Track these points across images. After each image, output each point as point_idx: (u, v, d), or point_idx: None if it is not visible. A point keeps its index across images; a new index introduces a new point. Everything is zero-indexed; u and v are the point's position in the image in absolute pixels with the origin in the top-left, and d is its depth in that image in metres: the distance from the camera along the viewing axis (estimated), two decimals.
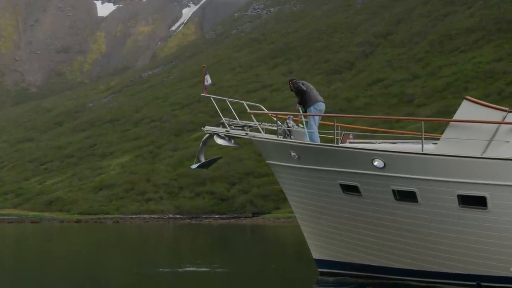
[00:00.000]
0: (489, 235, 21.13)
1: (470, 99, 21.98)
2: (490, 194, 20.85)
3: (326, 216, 24.32)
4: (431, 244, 22.14)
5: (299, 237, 58.75)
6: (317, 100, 24.89)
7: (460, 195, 21.14)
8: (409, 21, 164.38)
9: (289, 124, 24.63)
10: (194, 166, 26.58)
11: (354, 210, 23.32)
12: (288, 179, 25.19)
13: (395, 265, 23.23)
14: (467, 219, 21.28)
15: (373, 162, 22.12)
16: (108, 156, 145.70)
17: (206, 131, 25.90)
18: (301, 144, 23.83)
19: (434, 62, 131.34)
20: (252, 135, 25.11)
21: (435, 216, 21.70)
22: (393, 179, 21.98)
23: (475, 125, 21.29)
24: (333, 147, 23.33)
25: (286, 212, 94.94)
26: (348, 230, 23.91)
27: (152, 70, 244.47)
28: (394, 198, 22.21)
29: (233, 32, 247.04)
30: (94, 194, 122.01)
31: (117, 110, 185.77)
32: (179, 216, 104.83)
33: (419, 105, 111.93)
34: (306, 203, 24.88)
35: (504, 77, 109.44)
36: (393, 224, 22.60)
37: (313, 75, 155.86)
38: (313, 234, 25.29)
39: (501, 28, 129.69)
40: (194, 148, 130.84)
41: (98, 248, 45.84)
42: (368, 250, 23.68)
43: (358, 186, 22.79)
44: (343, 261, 24.55)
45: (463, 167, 21.03)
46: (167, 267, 28.61)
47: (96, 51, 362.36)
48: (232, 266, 28.88)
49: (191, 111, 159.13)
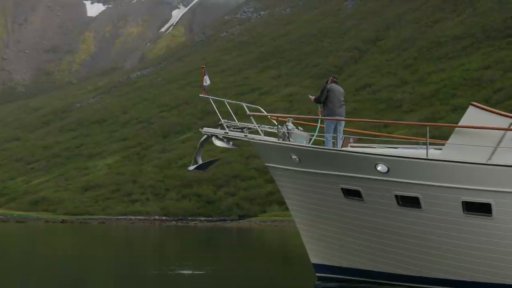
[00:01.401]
0: (494, 243, 20.93)
1: (476, 105, 21.87)
2: (495, 201, 20.64)
3: (326, 220, 24.08)
4: (433, 250, 21.94)
5: (287, 241, 58.83)
6: (334, 113, 24.57)
7: (465, 201, 20.94)
8: (398, 27, 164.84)
9: (289, 127, 24.33)
10: (191, 168, 25.98)
11: (355, 215, 23.10)
12: (287, 183, 24.85)
13: (396, 271, 23.06)
14: (471, 226, 21.07)
15: (376, 167, 21.92)
16: (95, 157, 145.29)
17: (204, 132, 25.48)
18: (302, 147, 23.58)
19: (422, 69, 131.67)
20: (251, 137, 24.78)
21: (439, 222, 21.49)
22: (397, 184, 21.78)
23: (481, 131, 21.13)
24: (335, 151, 23.11)
25: (272, 215, 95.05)
26: (349, 235, 23.71)
27: (140, 71, 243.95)
28: (397, 204, 21.98)
29: (222, 34, 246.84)
30: (80, 194, 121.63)
31: (104, 111, 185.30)
32: (165, 218, 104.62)
33: (407, 111, 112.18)
34: (305, 207, 24.58)
35: (491, 85, 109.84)
36: (395, 229, 22.41)
37: (302, 79, 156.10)
38: (312, 239, 25.01)
39: (490, 36, 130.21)
40: (182, 150, 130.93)
41: (83, 249, 45.69)
42: (368, 255, 23.49)
43: (360, 190, 22.57)
44: (342, 266, 24.36)
45: (468, 173, 20.83)
46: (154, 269, 28.47)
47: (84, 51, 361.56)
48: (225, 270, 28.68)
49: (179, 113, 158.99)
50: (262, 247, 49.88)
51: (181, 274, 26.60)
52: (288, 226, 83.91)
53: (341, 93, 25.08)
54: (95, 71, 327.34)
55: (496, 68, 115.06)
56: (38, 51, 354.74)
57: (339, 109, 24.73)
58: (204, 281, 25.15)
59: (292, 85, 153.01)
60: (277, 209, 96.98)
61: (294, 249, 46.10)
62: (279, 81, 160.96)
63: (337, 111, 24.64)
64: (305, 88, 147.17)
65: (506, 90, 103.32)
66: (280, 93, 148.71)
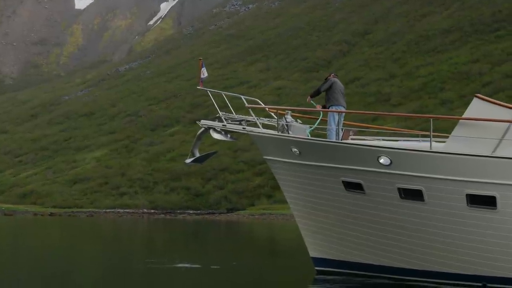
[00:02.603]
0: (498, 236, 20.76)
1: (481, 97, 21.69)
2: (500, 194, 20.49)
3: (327, 213, 23.86)
4: (436, 243, 21.75)
5: (278, 234, 58.88)
6: (339, 102, 24.45)
7: (469, 194, 20.77)
8: (387, 21, 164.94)
9: (288, 120, 24.13)
10: (188, 161, 25.74)
11: (357, 208, 22.89)
12: (286, 175, 24.60)
13: (397, 265, 22.87)
14: (475, 219, 20.90)
15: (379, 159, 21.72)
16: (83, 150, 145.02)
17: (202, 125, 25.28)
18: (303, 140, 23.33)
19: (411, 62, 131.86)
20: (250, 130, 24.56)
21: (442, 215, 21.32)
22: (399, 177, 21.59)
23: (485, 124, 20.92)
24: (337, 143, 22.90)
25: (261, 208, 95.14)
26: (350, 228, 23.48)
27: (129, 64, 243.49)
28: (399, 197, 21.81)
29: (211, 27, 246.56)
30: (68, 187, 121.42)
31: (93, 104, 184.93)
32: (154, 211, 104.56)
33: (395, 105, 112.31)
34: (305, 200, 24.34)
35: (480, 78, 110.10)
36: (397, 223, 22.22)
37: (291, 72, 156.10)
38: (311, 232, 24.79)
39: (478, 29, 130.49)
40: (170, 143, 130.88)
41: (72, 242, 45.61)
42: (369, 249, 23.29)
43: (361, 183, 22.37)
44: (342, 259, 24.18)
45: (473, 166, 20.68)
46: (144, 262, 28.37)
47: (73, 44, 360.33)
48: (221, 263, 28.41)
49: (167, 106, 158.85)
50: (254, 241, 49.85)
51: (175, 268, 26.45)
52: (276, 220, 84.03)
53: (343, 88, 25.06)
54: (83, 64, 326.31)
55: (484, 62, 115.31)
56: (26, 43, 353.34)
57: (342, 100, 24.65)
58: (198, 275, 25.08)
59: (281, 79, 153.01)
60: (265, 202, 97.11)
61: (287, 243, 46.23)
62: (267, 75, 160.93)
63: (341, 102, 24.54)
64: (294, 81, 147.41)
65: (494, 83, 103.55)
66: (268, 87, 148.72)
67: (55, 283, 22.85)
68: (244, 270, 26.54)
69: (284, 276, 25.25)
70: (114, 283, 23.08)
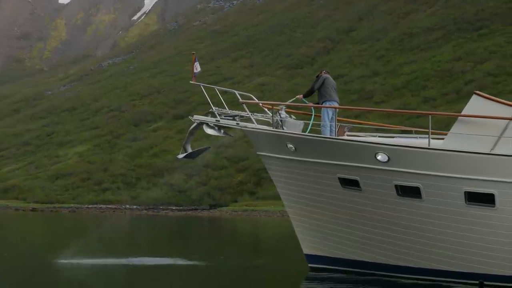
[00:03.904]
0: (496, 233, 20.68)
1: (480, 94, 21.51)
2: (499, 192, 20.40)
3: (322, 210, 23.69)
4: (433, 241, 21.63)
5: (261, 230, 58.86)
6: (332, 97, 24.34)
7: (467, 191, 20.70)
8: (371, 18, 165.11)
9: (282, 115, 23.97)
10: (180, 156, 25.55)
11: (353, 205, 22.77)
12: (281, 172, 24.41)
13: (393, 262, 22.75)
14: (473, 217, 20.81)
15: (376, 156, 21.59)
16: (66, 145, 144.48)
17: (194, 120, 25.00)
18: (299, 136, 23.19)
19: (394, 60, 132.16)
20: (243, 125, 24.37)
21: (440, 212, 21.22)
22: (397, 173, 21.46)
23: (484, 121, 20.76)
24: (334, 139, 22.71)
25: (244, 205, 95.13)
26: (345, 225, 23.33)
27: (112, 59, 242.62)
28: (396, 194, 21.70)
29: (195, 23, 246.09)
30: (50, 183, 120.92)
31: (76, 99, 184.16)
32: (136, 207, 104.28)
33: (378, 102, 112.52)
34: (300, 197, 24.17)
35: (462, 76, 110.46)
36: (394, 220, 22.09)
37: (275, 69, 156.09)
38: (306, 229, 24.59)
39: (461, 28, 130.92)
40: (153, 139, 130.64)
41: (54, 237, 45.43)
42: (365, 246, 23.15)
43: (358, 180, 22.24)
44: (336, 257, 24.04)
45: (471, 163, 20.59)
46: (124, 258, 28.26)
47: (56, 39, 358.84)
48: (212, 260, 28.24)
49: (150, 101, 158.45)
50: (240, 237, 49.79)
51: (160, 266, 26.27)
52: (259, 216, 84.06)
53: (335, 84, 25.01)
54: (66, 58, 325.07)
55: (467, 60, 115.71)
56: (8, 38, 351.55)
57: (335, 96, 24.58)
58: (186, 273, 25.03)
59: (265, 75, 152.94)
60: (248, 199, 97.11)
61: (274, 240, 46.21)
62: (251, 71, 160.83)
63: (334, 97, 24.46)
64: (277, 78, 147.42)
65: (477, 81, 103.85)
66: (252, 83, 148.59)
67: (35, 280, 22.73)
68: (237, 268, 26.43)
69: (276, 273, 25.17)
70: (97, 281, 22.96)
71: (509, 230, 20.57)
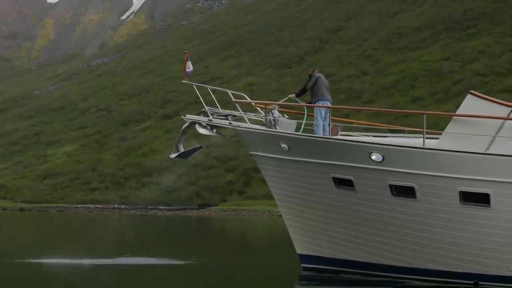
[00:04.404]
0: (491, 233, 20.57)
1: (475, 93, 21.38)
2: (494, 191, 20.29)
3: (316, 210, 23.53)
4: (428, 241, 21.52)
5: (251, 230, 58.83)
6: (324, 97, 24.23)
7: (462, 191, 20.57)
8: (359, 18, 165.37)
9: (275, 115, 23.78)
10: (172, 156, 25.26)
11: (347, 204, 22.63)
12: (274, 171, 24.26)
13: (388, 262, 22.62)
14: (468, 216, 20.70)
15: (370, 156, 21.48)
16: (54, 145, 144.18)
17: (187, 119, 24.74)
18: (293, 136, 23.06)
19: (382, 59, 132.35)
20: (236, 125, 24.17)
21: (434, 212, 21.09)
22: (391, 173, 21.35)
23: (479, 120, 20.63)
24: (328, 139, 22.55)
25: (232, 204, 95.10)
26: (339, 225, 23.18)
27: (100, 58, 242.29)
28: (390, 193, 21.59)
29: (183, 23, 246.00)
30: (38, 182, 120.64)
31: (64, 98, 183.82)
32: (125, 207, 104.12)
33: (367, 102, 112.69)
34: (293, 197, 24.01)
35: (451, 76, 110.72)
36: (388, 220, 21.97)
37: (263, 68, 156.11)
38: (299, 229, 24.44)
39: (449, 27, 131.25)
40: (141, 138, 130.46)
41: (41, 237, 45.30)
42: (359, 246, 23.01)
43: (352, 180, 22.11)
44: (330, 257, 23.89)
45: (466, 163, 20.49)
46: (111, 258, 28.17)
47: (44, 38, 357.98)
48: (201, 260, 28.04)
49: (139, 101, 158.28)
50: (231, 237, 49.69)
51: (153, 265, 26.25)
52: (248, 216, 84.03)
53: (327, 83, 24.90)
54: (54, 58, 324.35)
55: (456, 60, 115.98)
56: None
57: (328, 95, 24.51)
58: (178, 273, 24.95)
59: (253, 75, 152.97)
60: (237, 198, 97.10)
61: (265, 239, 46.14)
62: (240, 70, 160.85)
63: (327, 96, 24.38)
64: (266, 77, 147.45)
65: (465, 81, 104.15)
66: (240, 83, 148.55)
67: (23, 280, 22.65)
68: (227, 268, 26.25)
69: (267, 273, 25.06)
70: (83, 281, 22.87)
71: (504, 230, 20.49)
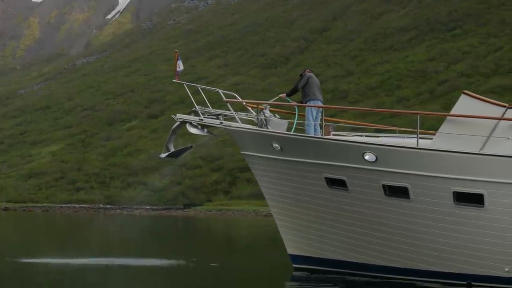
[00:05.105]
0: (485, 234, 20.52)
1: (469, 94, 21.40)
2: (488, 192, 20.25)
3: (308, 210, 23.44)
4: (421, 241, 21.48)
5: (237, 230, 58.86)
6: (316, 97, 24.26)
7: (456, 192, 20.54)
8: (344, 18, 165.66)
9: (266, 114, 23.72)
10: (163, 155, 25.02)
11: (339, 205, 22.55)
12: (265, 171, 24.15)
13: (380, 263, 22.57)
14: (462, 217, 20.67)
15: (364, 156, 21.41)
16: (39, 144, 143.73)
17: (177, 119, 24.59)
18: (286, 135, 22.99)
19: (368, 60, 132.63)
20: (227, 125, 24.09)
21: (428, 212, 21.05)
22: (385, 173, 21.28)
23: (473, 121, 20.64)
24: (322, 139, 22.49)
25: (218, 204, 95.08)
26: (331, 225, 23.09)
27: (86, 58, 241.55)
28: (384, 194, 21.53)
29: (169, 22, 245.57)
30: (23, 182, 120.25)
31: (49, 98, 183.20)
32: (110, 206, 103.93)
33: (353, 102, 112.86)
34: (285, 197, 23.91)
35: (436, 76, 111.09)
36: (381, 220, 21.93)
37: (249, 68, 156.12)
38: (290, 229, 24.34)
39: (434, 28, 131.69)
40: (127, 138, 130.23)
41: (25, 237, 45.18)
42: (352, 246, 22.95)
43: (345, 180, 22.04)
44: (322, 257, 23.82)
45: (460, 163, 20.45)
46: (95, 258, 28.09)
47: (29, 37, 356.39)
48: (188, 260, 27.87)
49: (124, 100, 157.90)
50: (216, 237, 49.72)
51: (139, 267, 26.23)
52: (233, 216, 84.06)
53: (318, 82, 24.93)
54: (40, 57, 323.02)
55: (441, 60, 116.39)
56: None
57: (319, 95, 24.49)
58: (173, 274, 24.94)
59: (239, 74, 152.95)
60: (222, 198, 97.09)
61: (252, 239, 46.15)
62: (225, 70, 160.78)
63: (319, 96, 24.39)
64: (252, 77, 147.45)
65: (450, 82, 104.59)
66: (226, 82, 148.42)
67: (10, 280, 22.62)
68: (218, 268, 26.18)
69: (259, 273, 25.04)
70: (68, 282, 22.84)
71: (498, 230, 20.45)
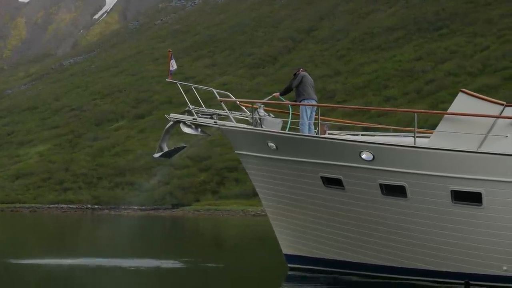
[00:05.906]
0: (483, 232, 20.49)
1: (466, 92, 21.37)
2: (486, 190, 20.24)
3: (303, 210, 23.36)
4: (418, 240, 21.43)
5: (227, 230, 58.87)
6: (310, 96, 24.20)
7: (454, 190, 20.52)
8: (332, 18, 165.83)
9: (260, 113, 23.70)
10: (156, 155, 24.92)
11: (335, 204, 22.47)
12: (260, 171, 24.07)
13: (378, 262, 22.52)
14: (460, 216, 20.65)
15: (361, 155, 21.34)
16: (26, 144, 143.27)
17: (171, 118, 24.50)
18: (282, 134, 22.90)
19: (355, 59, 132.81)
20: (221, 124, 24.03)
21: (426, 211, 21.02)
22: (382, 172, 21.24)
23: (471, 119, 20.65)
24: (318, 138, 22.40)
25: (206, 204, 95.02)
26: (327, 225, 23.01)
27: (73, 58, 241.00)
28: (381, 193, 21.49)
29: (156, 22, 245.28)
30: (11, 182, 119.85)
31: (36, 98, 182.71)
32: (98, 207, 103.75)
33: (340, 101, 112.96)
34: (280, 196, 23.83)
35: (423, 76, 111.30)
36: (378, 219, 21.86)
37: (236, 68, 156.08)
38: (285, 229, 24.25)
39: (422, 28, 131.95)
40: (114, 138, 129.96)
41: (13, 238, 45.07)
42: (348, 246, 22.88)
43: (341, 179, 21.97)
44: (317, 256, 23.75)
45: (458, 161, 20.42)
46: (82, 258, 28.01)
47: (16, 37, 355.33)
48: (185, 259, 27.90)
49: (112, 100, 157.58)
50: (204, 237, 49.63)
51: (130, 268, 26.12)
52: (222, 215, 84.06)
53: (313, 81, 24.93)
54: (27, 57, 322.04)
55: (428, 60, 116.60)
56: None
57: (313, 94, 24.47)
58: (171, 276, 24.87)
59: (226, 74, 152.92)
60: (211, 198, 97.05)
61: (240, 239, 46.15)
62: (213, 70, 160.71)
63: (313, 95, 24.36)
64: (239, 77, 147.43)
65: (437, 81, 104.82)
66: (214, 82, 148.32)
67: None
68: (211, 268, 26.11)
69: (252, 273, 24.96)
70: (57, 283, 22.79)
71: (496, 229, 20.45)
